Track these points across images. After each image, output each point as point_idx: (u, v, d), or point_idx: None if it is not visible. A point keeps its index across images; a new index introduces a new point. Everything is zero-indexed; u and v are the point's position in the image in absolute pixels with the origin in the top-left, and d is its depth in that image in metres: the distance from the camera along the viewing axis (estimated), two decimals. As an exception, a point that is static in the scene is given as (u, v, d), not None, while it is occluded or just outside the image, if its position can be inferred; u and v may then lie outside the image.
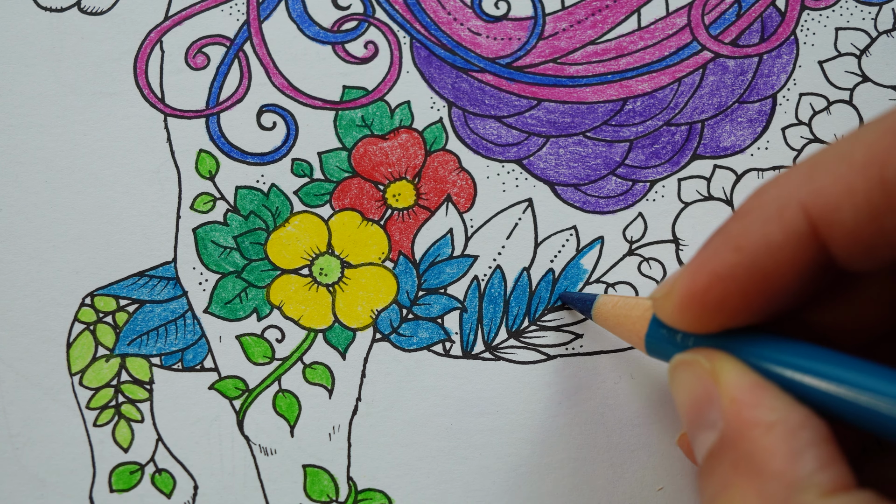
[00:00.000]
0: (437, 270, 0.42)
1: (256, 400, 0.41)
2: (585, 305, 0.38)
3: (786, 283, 0.27)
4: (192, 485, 0.41)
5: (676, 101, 0.43)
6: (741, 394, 0.26)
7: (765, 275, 0.27)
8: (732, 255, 0.27)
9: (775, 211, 0.26)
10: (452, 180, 0.42)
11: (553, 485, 0.41)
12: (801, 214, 0.26)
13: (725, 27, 0.43)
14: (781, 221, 0.26)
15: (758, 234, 0.27)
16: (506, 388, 0.41)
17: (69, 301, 0.41)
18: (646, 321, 0.32)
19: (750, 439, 0.25)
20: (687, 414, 0.28)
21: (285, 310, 0.41)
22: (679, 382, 0.29)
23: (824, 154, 0.26)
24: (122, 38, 0.42)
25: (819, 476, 0.24)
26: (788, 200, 0.26)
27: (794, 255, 0.26)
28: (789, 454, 0.24)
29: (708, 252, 0.28)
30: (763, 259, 0.26)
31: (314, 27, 0.43)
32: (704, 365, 0.28)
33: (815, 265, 0.27)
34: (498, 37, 0.43)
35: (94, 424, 0.41)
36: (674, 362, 0.29)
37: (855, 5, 0.43)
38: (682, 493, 0.41)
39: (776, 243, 0.26)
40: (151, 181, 0.42)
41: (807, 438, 0.24)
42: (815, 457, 0.24)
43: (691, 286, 0.28)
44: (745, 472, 0.25)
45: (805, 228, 0.26)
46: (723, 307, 0.27)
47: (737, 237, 0.27)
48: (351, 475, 0.41)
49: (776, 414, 0.25)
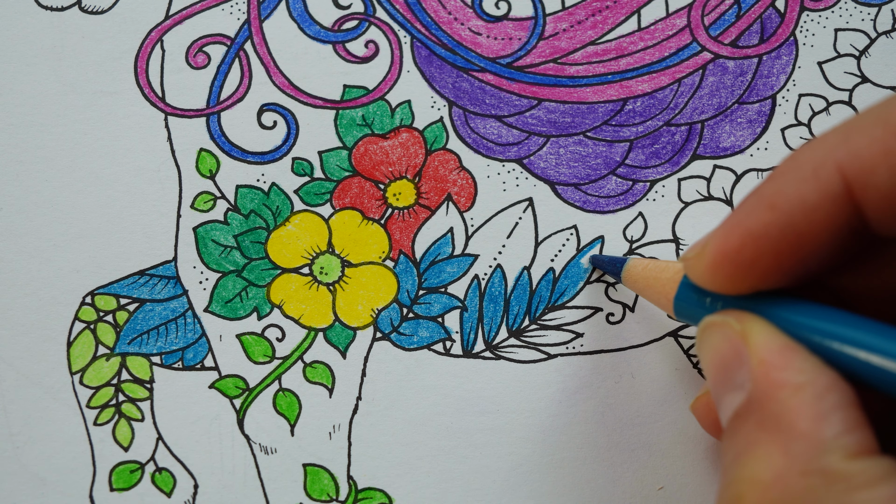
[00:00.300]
0: (438, 269, 0.42)
1: (257, 399, 0.41)
2: (616, 268, 0.38)
3: (818, 245, 0.27)
4: (193, 484, 0.41)
5: (676, 101, 0.43)
6: (770, 355, 0.26)
7: (798, 235, 0.27)
8: (767, 213, 0.27)
9: (811, 171, 0.26)
10: (453, 179, 0.42)
11: (553, 484, 0.41)
12: (836, 175, 0.26)
13: (725, 28, 0.43)
14: (817, 181, 0.26)
15: (793, 193, 0.27)
16: (506, 388, 0.41)
17: (70, 300, 0.41)
18: (675, 283, 0.32)
19: (777, 400, 0.25)
20: (714, 375, 0.28)
21: (286, 309, 0.41)
22: (708, 343, 0.29)
23: (861, 117, 0.26)
24: (122, 38, 0.42)
25: (844, 438, 0.24)
26: (824, 161, 0.26)
27: (829, 215, 0.26)
28: (816, 415, 0.24)
29: (742, 211, 0.28)
30: (797, 219, 0.27)
31: (315, 26, 0.43)
32: (735, 326, 0.28)
33: (848, 227, 0.27)
34: (498, 37, 0.43)
35: (95, 423, 0.41)
36: (704, 323, 0.29)
37: (854, 6, 0.44)
38: (682, 493, 0.41)
39: (811, 203, 0.26)
40: (152, 180, 0.42)
41: (834, 401, 0.25)
42: (841, 419, 0.24)
43: (724, 245, 0.28)
44: (771, 431, 0.25)
45: (840, 189, 0.26)
46: (755, 267, 0.27)
47: (772, 196, 0.27)
48: (351, 474, 0.41)
49: (804, 376, 0.25)
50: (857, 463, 0.24)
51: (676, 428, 0.41)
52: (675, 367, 0.41)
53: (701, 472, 0.41)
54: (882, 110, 0.26)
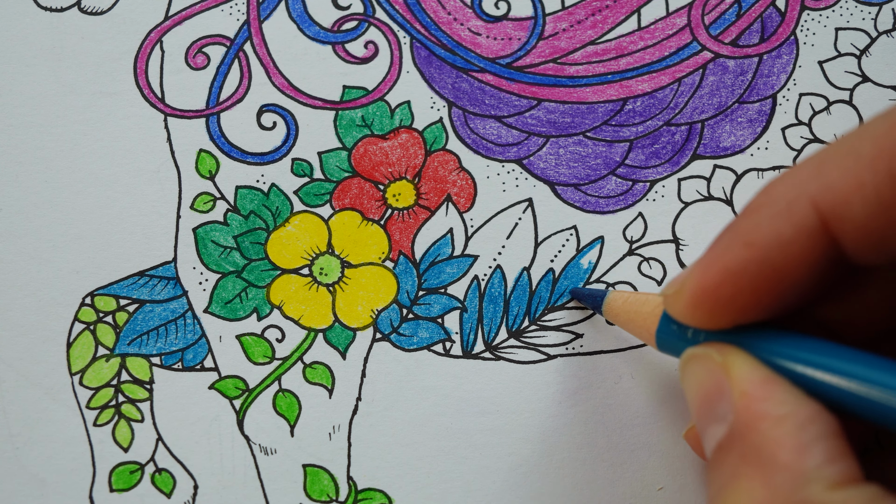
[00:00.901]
0: (438, 270, 0.42)
1: (256, 399, 0.41)
2: (596, 301, 0.39)
3: (797, 279, 0.27)
4: (192, 484, 0.41)
5: (676, 101, 0.43)
6: (752, 387, 0.26)
7: (776, 270, 0.27)
8: (743, 250, 0.27)
9: (785, 206, 0.27)
10: (452, 180, 0.42)
11: (553, 484, 0.41)
12: (810, 209, 0.26)
13: (725, 27, 0.43)
14: (791, 217, 0.26)
15: (768, 229, 0.27)
16: (506, 388, 0.41)
17: (69, 301, 0.41)
18: (656, 317, 0.32)
19: (759, 432, 0.25)
20: (697, 407, 0.28)
21: (285, 309, 0.41)
22: (690, 376, 0.29)
23: (832, 149, 0.26)
24: (122, 38, 0.42)
25: (826, 469, 0.24)
26: (798, 196, 0.26)
27: (805, 249, 0.26)
28: (798, 447, 0.24)
29: (718, 248, 0.28)
30: (774, 254, 0.27)
31: (314, 27, 0.43)
32: (716, 359, 0.28)
33: (826, 260, 0.27)
34: (498, 37, 0.43)
35: (94, 424, 0.41)
36: (685, 356, 0.29)
37: (855, 5, 0.43)
38: (682, 493, 0.41)
39: (786, 238, 0.26)
40: (151, 181, 0.42)
41: (816, 432, 0.25)
42: (824, 450, 0.24)
43: (702, 282, 0.28)
44: (753, 463, 0.25)
45: (815, 223, 0.26)
46: (734, 303, 0.27)
47: (747, 233, 0.27)
48: (351, 475, 0.41)
49: (786, 408, 0.25)
50: (839, 493, 0.24)
51: (676, 428, 0.41)
52: (675, 367, 0.41)
53: (701, 473, 0.41)
54: (852, 141, 0.26)
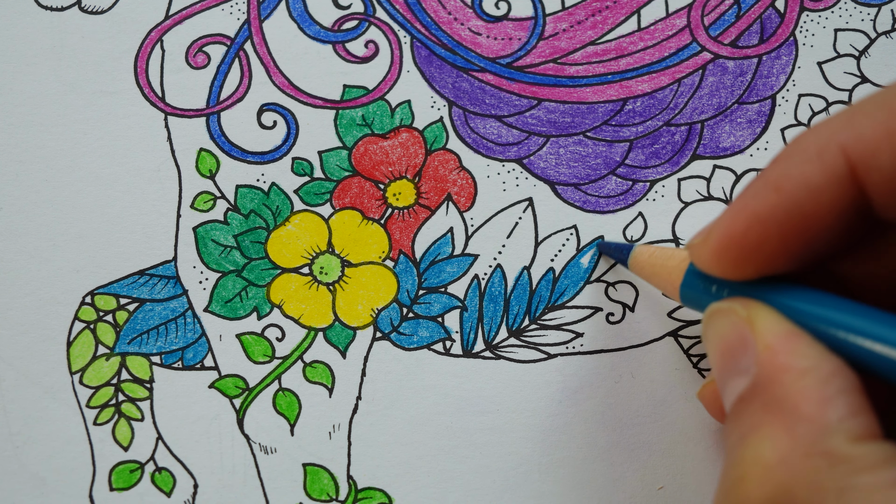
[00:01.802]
0: (438, 269, 0.42)
1: (256, 398, 0.41)
2: (622, 255, 0.39)
3: (824, 227, 0.27)
4: (192, 483, 0.40)
5: (676, 101, 0.43)
6: (776, 341, 0.26)
7: (804, 216, 0.27)
8: (772, 196, 0.27)
9: (815, 153, 0.27)
10: (453, 179, 0.42)
11: (553, 484, 0.41)
12: (840, 157, 0.26)
13: (725, 28, 0.43)
14: (822, 163, 0.26)
15: (798, 175, 0.27)
16: (506, 387, 0.41)
17: (69, 300, 0.41)
18: (681, 271, 0.32)
19: (782, 384, 0.25)
20: (720, 360, 0.28)
21: (285, 308, 0.41)
22: (714, 329, 0.29)
23: (864, 102, 0.27)
24: (122, 37, 0.42)
25: (848, 422, 0.24)
26: (828, 143, 0.26)
27: (833, 197, 0.27)
28: (820, 399, 0.25)
29: (747, 195, 0.28)
30: (803, 200, 0.27)
31: (315, 26, 0.43)
32: (740, 312, 0.28)
33: (853, 210, 0.27)
34: (498, 37, 0.43)
35: (94, 423, 0.41)
36: (709, 311, 0.29)
37: (854, 6, 0.44)
38: (682, 493, 0.41)
39: (816, 185, 0.26)
40: (152, 180, 0.42)
41: (838, 386, 0.25)
42: (846, 404, 0.24)
43: (730, 229, 0.28)
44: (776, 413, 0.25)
45: (844, 171, 0.26)
46: (760, 251, 0.27)
47: (777, 179, 0.27)
48: (351, 474, 0.41)
49: (809, 361, 0.25)
50: (860, 446, 0.24)
51: (676, 428, 0.41)
52: (675, 367, 0.41)
53: (701, 472, 0.41)
54: (886, 95, 0.26)
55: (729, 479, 0.26)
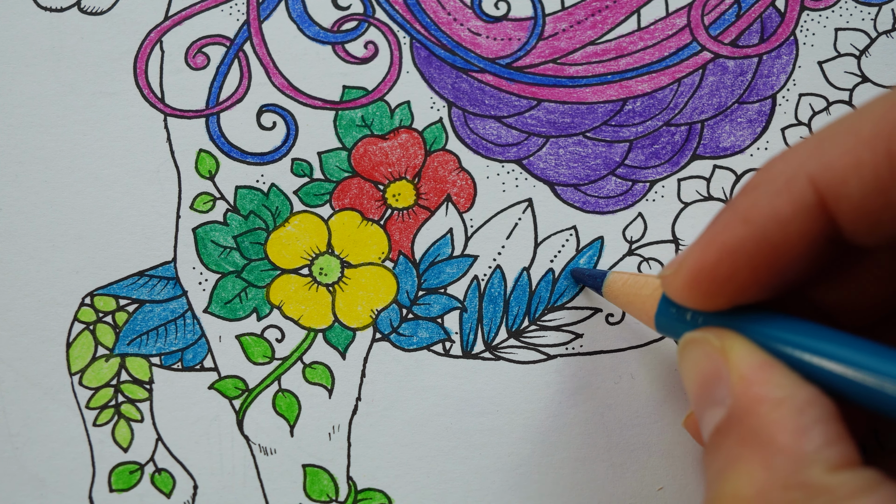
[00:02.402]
0: (437, 270, 0.42)
1: (256, 400, 0.41)
2: (596, 282, 0.39)
3: (794, 257, 0.27)
4: (192, 484, 0.41)
5: (676, 101, 0.43)
6: (750, 371, 0.26)
7: (774, 247, 0.27)
8: (742, 227, 0.27)
9: (784, 184, 0.27)
10: (452, 180, 0.42)
11: (553, 485, 0.41)
12: (809, 187, 0.26)
13: (725, 28, 0.43)
14: (790, 194, 0.26)
15: (767, 206, 0.27)
16: (506, 388, 0.41)
17: (69, 301, 0.41)
18: (655, 300, 0.32)
19: (757, 415, 0.25)
20: (695, 391, 0.28)
21: (285, 309, 0.41)
22: (688, 360, 0.29)
23: (832, 128, 0.27)
24: (121, 38, 0.42)
25: (826, 452, 0.24)
26: (796, 173, 0.26)
27: (803, 227, 0.27)
28: (797, 429, 0.24)
29: (717, 227, 0.28)
30: (772, 231, 0.27)
31: (314, 27, 0.43)
32: (714, 343, 0.28)
33: (823, 238, 0.27)
34: (498, 37, 0.43)
35: (94, 424, 0.41)
36: (683, 341, 0.29)
37: (854, 6, 0.43)
38: (682, 493, 0.41)
39: (785, 215, 0.26)
40: (151, 181, 0.42)
41: (814, 415, 0.25)
42: (822, 433, 0.24)
43: (701, 261, 0.28)
44: (752, 446, 0.25)
45: (813, 201, 0.26)
46: (732, 282, 0.27)
47: (746, 210, 0.27)
48: (351, 475, 0.41)
49: (784, 391, 0.25)
50: (839, 475, 0.24)
51: (676, 428, 0.41)
52: (674, 367, 0.41)
53: (701, 472, 0.41)
54: (852, 121, 0.26)
55: None
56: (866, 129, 0.25)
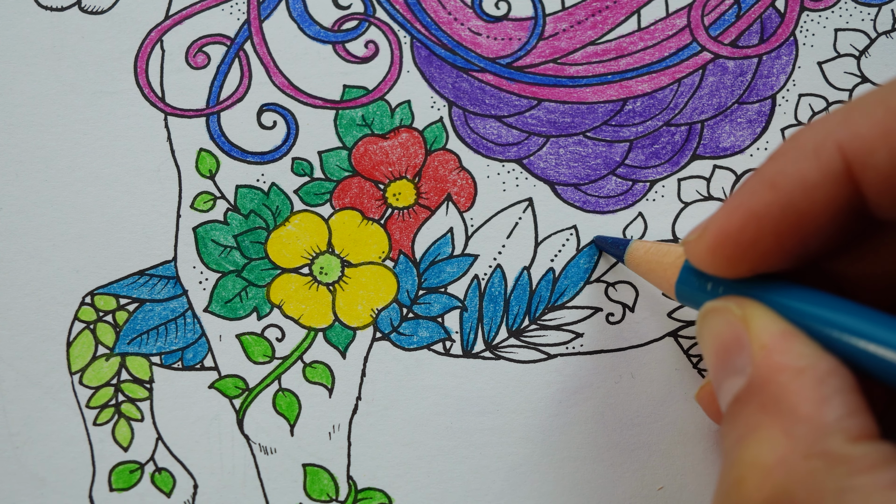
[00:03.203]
0: (438, 269, 0.42)
1: (256, 399, 0.41)
2: (619, 250, 0.39)
3: (819, 224, 0.27)
4: (192, 484, 0.41)
5: (676, 101, 0.43)
6: (771, 340, 0.26)
7: (799, 214, 0.27)
8: (768, 193, 0.27)
9: (812, 150, 0.27)
10: (453, 179, 0.42)
11: (553, 484, 0.41)
12: (837, 154, 0.26)
13: (725, 28, 0.43)
14: (818, 160, 0.26)
15: (794, 172, 0.27)
16: (506, 388, 0.41)
17: (69, 300, 0.41)
18: (677, 268, 0.32)
19: (778, 384, 0.25)
20: (715, 359, 0.28)
21: (285, 309, 0.41)
22: (709, 328, 0.29)
23: (862, 99, 0.26)
24: (122, 37, 0.42)
25: (846, 422, 0.24)
26: (825, 141, 0.26)
27: (829, 194, 0.26)
28: (818, 399, 0.24)
29: (743, 192, 0.28)
30: (798, 197, 0.27)
31: (315, 26, 0.43)
32: (735, 311, 0.28)
33: (849, 208, 0.27)
34: (498, 37, 0.43)
35: (94, 423, 0.41)
36: (704, 310, 0.29)
37: (854, 6, 0.44)
38: (682, 493, 0.41)
39: (812, 182, 0.26)
40: (152, 180, 0.42)
41: (835, 385, 0.25)
42: (843, 403, 0.24)
43: (725, 225, 0.28)
44: (772, 414, 0.25)
45: (840, 168, 0.26)
46: (756, 248, 0.27)
47: (773, 175, 0.27)
48: (351, 474, 0.41)
49: (805, 360, 0.25)
50: (858, 446, 0.24)
51: (676, 428, 0.41)
52: (675, 367, 0.41)
53: (701, 472, 0.41)
54: (883, 93, 0.26)
55: (727, 481, 0.26)
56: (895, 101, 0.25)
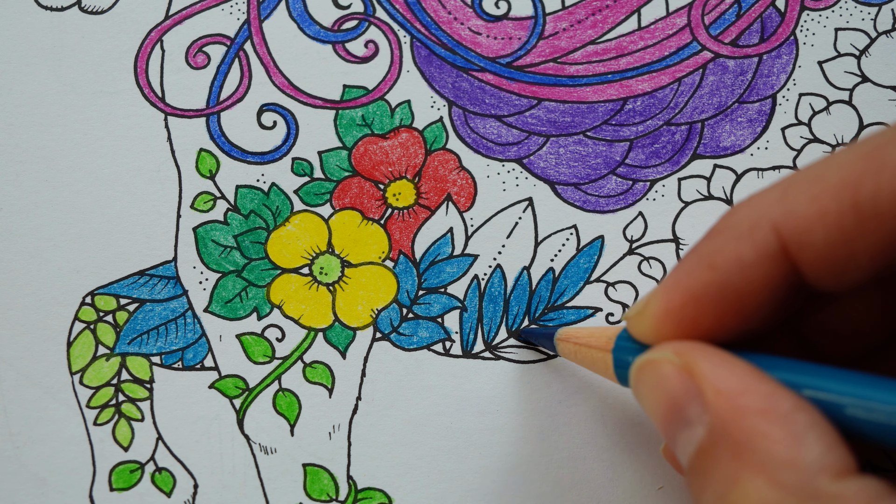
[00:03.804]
0: (438, 269, 0.42)
1: (256, 399, 0.41)
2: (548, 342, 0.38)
3: (758, 302, 0.27)
4: (192, 484, 0.41)
5: (676, 100, 0.43)
6: (724, 382, 0.25)
7: (737, 293, 0.26)
8: (706, 273, 0.27)
9: (747, 230, 0.26)
10: (453, 179, 0.42)
11: (553, 484, 0.41)
12: (772, 234, 0.26)
13: (725, 27, 0.43)
14: (753, 240, 0.26)
15: (730, 252, 0.27)
16: (506, 388, 0.41)
17: (69, 300, 0.41)
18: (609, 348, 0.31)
19: (744, 429, 0.24)
20: (663, 415, 0.27)
21: (285, 309, 0.41)
22: (648, 384, 0.27)
23: (799, 175, 0.26)
24: (122, 38, 0.42)
25: (826, 459, 0.23)
26: (760, 220, 0.26)
27: (766, 273, 0.26)
28: (792, 440, 0.24)
29: (682, 271, 0.27)
30: (735, 277, 0.26)
31: (314, 26, 0.43)
32: (674, 360, 0.27)
33: (788, 284, 0.27)
34: (498, 36, 0.43)
35: (95, 423, 0.41)
36: (636, 366, 0.28)
37: (854, 6, 0.43)
38: (682, 493, 0.41)
39: (748, 262, 0.26)
40: (152, 180, 0.42)
41: (804, 422, 0.24)
42: (818, 440, 0.23)
43: (666, 304, 0.27)
44: (748, 462, 0.24)
45: (776, 248, 0.26)
46: (697, 325, 0.27)
47: (710, 255, 0.27)
48: (351, 474, 0.41)
49: (767, 400, 0.24)
50: (846, 483, 0.23)
51: (676, 428, 0.41)
52: (674, 366, 0.41)
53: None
54: (819, 169, 0.26)
55: None
56: (832, 177, 0.25)
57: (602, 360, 0.32)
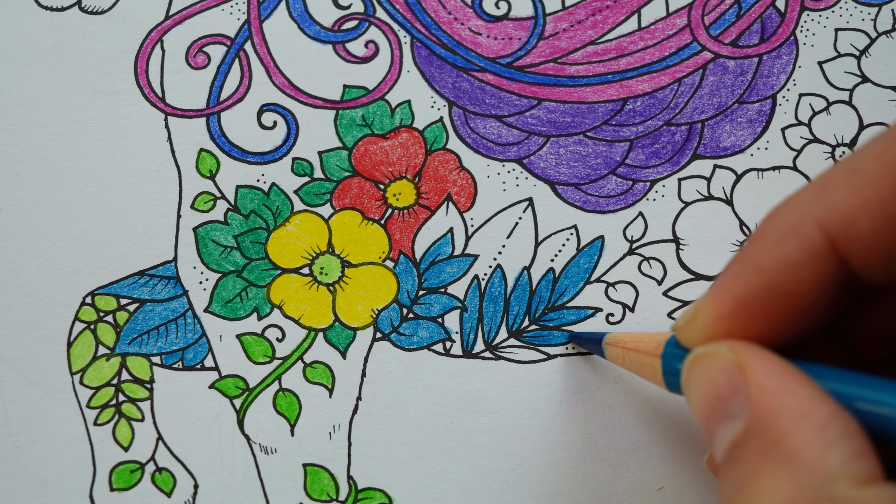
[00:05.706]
0: (438, 270, 0.42)
1: (257, 399, 0.41)
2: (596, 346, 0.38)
3: (809, 302, 0.27)
4: (193, 484, 0.41)
5: (676, 101, 0.43)
6: (771, 381, 0.25)
7: (787, 295, 0.26)
8: (753, 277, 0.27)
9: (791, 230, 0.26)
10: (453, 179, 0.42)
11: (553, 484, 0.41)
12: (817, 231, 0.26)
13: (725, 28, 0.43)
14: (798, 239, 0.26)
15: (776, 254, 0.26)
16: (506, 388, 0.41)
17: (70, 300, 0.41)
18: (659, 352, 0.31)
19: (780, 428, 0.25)
20: (707, 408, 0.27)
21: (286, 309, 0.41)
22: (699, 376, 0.28)
23: (834, 171, 0.26)
24: (122, 38, 0.42)
25: (851, 467, 0.23)
26: (803, 218, 0.26)
27: (815, 272, 0.26)
28: (822, 444, 0.24)
29: (728, 277, 0.27)
30: (784, 279, 0.26)
31: (315, 26, 0.43)
32: (727, 355, 0.27)
33: (837, 281, 0.26)
34: (498, 36, 0.43)
35: (95, 423, 0.41)
36: (692, 357, 0.29)
37: (854, 6, 0.43)
38: (682, 493, 0.41)
39: (796, 262, 0.26)
40: (152, 180, 0.42)
41: (838, 430, 0.24)
42: (847, 448, 0.24)
43: (716, 312, 0.27)
44: (774, 459, 0.24)
45: (823, 244, 0.26)
46: (749, 331, 0.27)
47: (756, 259, 0.27)
48: (351, 474, 0.41)
49: (807, 404, 0.25)
50: (865, 490, 0.23)
51: (676, 428, 0.41)
52: (675, 367, 0.41)
53: (701, 472, 0.41)
54: (854, 161, 0.26)
55: None
56: (869, 168, 0.25)
57: (650, 366, 0.32)
